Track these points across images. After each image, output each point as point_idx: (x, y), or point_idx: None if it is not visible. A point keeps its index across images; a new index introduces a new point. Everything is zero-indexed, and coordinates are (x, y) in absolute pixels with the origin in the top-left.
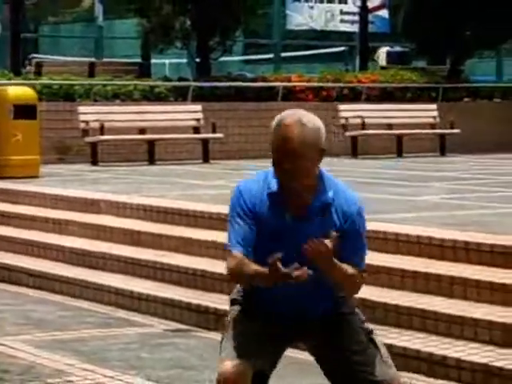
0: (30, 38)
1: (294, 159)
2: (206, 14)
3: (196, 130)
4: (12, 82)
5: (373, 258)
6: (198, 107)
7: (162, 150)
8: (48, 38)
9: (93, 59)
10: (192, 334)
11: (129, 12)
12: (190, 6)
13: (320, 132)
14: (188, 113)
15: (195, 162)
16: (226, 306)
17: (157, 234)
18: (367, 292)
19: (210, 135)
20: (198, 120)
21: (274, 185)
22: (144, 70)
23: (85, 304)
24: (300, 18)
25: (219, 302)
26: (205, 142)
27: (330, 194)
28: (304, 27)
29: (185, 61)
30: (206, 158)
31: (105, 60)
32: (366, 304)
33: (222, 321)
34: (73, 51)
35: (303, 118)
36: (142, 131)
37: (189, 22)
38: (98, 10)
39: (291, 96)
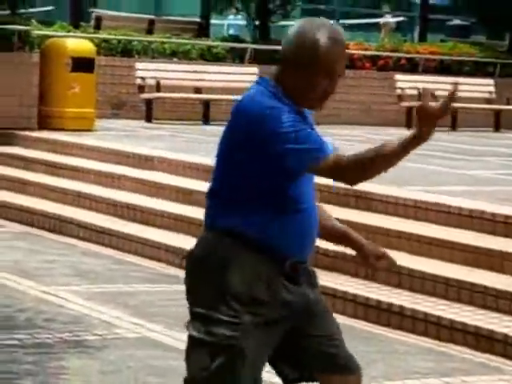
0: None
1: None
2: None
3: None
4: (71, 34)
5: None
6: (255, 69)
7: (217, 111)
8: None
9: (152, 16)
10: None
11: None
12: None
13: None
14: (244, 75)
15: None
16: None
17: None
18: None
19: None
20: None
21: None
22: (203, 30)
23: (134, 259)
24: None
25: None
26: None
27: None
28: None
29: (244, 23)
30: None
31: (164, 18)
32: (415, 275)
33: None
34: (131, 7)
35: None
36: (198, 91)
37: None
38: None
39: (348, 63)
